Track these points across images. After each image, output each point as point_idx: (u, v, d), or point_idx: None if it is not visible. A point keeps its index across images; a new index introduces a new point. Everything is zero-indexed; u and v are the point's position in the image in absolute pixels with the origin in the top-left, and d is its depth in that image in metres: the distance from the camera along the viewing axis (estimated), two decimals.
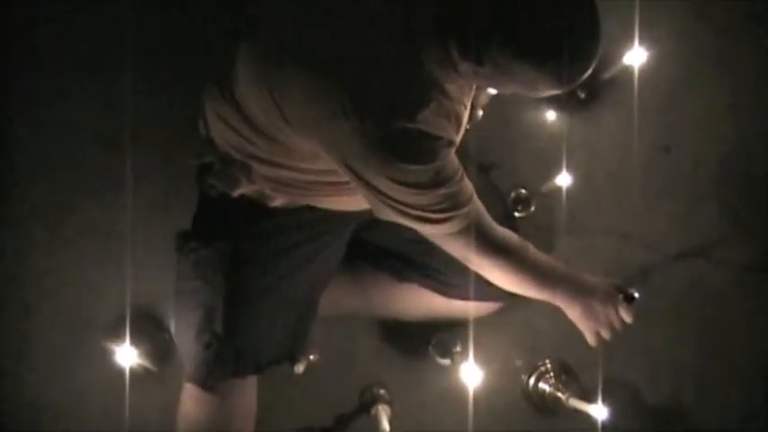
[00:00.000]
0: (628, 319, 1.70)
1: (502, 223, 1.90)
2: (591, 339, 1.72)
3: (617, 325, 1.70)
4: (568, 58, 1.35)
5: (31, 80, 2.16)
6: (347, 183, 1.52)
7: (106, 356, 2.04)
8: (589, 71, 1.39)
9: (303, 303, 1.81)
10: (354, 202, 1.64)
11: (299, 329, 1.82)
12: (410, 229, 1.82)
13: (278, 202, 1.70)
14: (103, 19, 2.16)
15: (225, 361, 1.73)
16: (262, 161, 1.62)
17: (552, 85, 1.39)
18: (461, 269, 1.88)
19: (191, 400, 1.80)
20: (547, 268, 1.67)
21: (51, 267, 2.14)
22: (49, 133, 2.16)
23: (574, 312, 1.70)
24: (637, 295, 1.71)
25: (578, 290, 1.68)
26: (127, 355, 1.98)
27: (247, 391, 1.80)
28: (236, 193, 1.68)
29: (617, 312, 1.69)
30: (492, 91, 2.02)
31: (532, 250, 1.66)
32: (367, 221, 1.79)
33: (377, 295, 2.04)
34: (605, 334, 1.71)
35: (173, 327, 1.83)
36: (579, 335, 2.21)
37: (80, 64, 2.17)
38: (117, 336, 2.01)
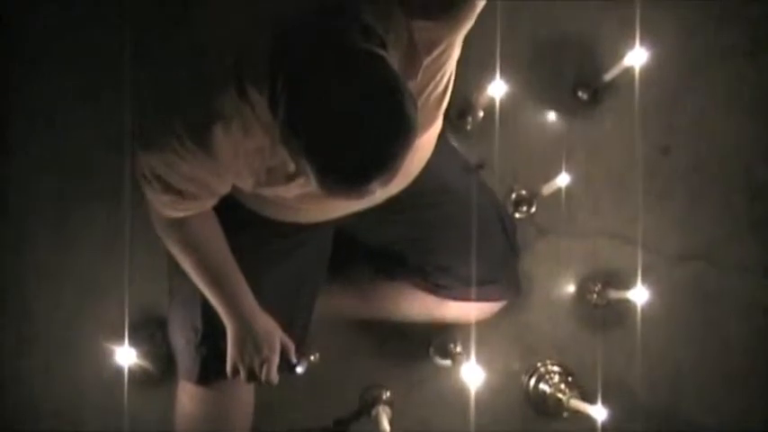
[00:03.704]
0: (272, 378, 1.62)
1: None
2: (228, 368, 1.64)
3: (257, 373, 1.62)
4: (338, 169, 1.11)
5: (32, 79, 2.15)
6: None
7: (106, 357, 2.04)
8: (356, 194, 1.14)
9: (289, 303, 1.78)
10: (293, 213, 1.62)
11: (289, 331, 1.81)
12: (394, 229, 1.81)
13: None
14: (104, 17, 2.16)
15: (206, 356, 1.74)
16: None
17: (317, 185, 1.14)
18: (448, 270, 1.88)
19: (186, 395, 1.81)
20: (219, 281, 1.60)
21: (52, 268, 2.14)
22: (51, 133, 2.15)
23: (229, 334, 1.63)
24: (298, 369, 1.66)
25: (239, 318, 1.61)
26: (126, 356, 1.98)
27: (242, 388, 1.80)
28: None
29: (263, 363, 1.62)
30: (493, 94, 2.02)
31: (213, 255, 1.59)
32: (352, 224, 1.76)
33: (372, 297, 2.03)
34: (242, 374, 1.63)
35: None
36: (579, 337, 2.24)
37: (81, 63, 2.16)
38: (117, 336, 2.01)
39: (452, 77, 1.46)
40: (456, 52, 1.39)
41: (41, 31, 2.15)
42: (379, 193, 1.20)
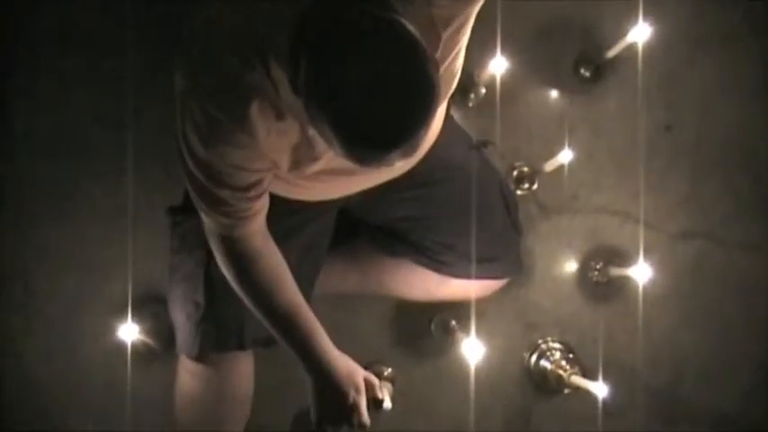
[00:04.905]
0: (364, 421, 1.59)
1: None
2: (313, 422, 1.61)
3: (355, 422, 1.58)
4: (365, 134, 1.11)
5: (33, 60, 2.15)
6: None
7: (109, 334, 2.05)
8: (385, 160, 1.14)
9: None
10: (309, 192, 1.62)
11: None
12: (400, 207, 1.81)
13: None
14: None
15: (207, 332, 1.74)
16: None
17: (343, 154, 1.15)
18: (451, 247, 1.89)
19: (185, 371, 1.81)
20: (295, 327, 1.58)
21: (54, 246, 2.14)
22: (51, 113, 2.14)
23: (310, 385, 1.62)
24: (386, 405, 1.61)
25: (317, 369, 1.59)
26: (129, 333, 1.99)
27: (242, 364, 1.80)
28: None
29: (360, 407, 1.60)
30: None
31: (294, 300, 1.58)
32: (358, 201, 1.77)
33: (373, 273, 2.03)
34: (331, 428, 1.61)
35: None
36: (581, 314, 2.24)
37: (80, 42, 2.15)
38: (120, 314, 2.02)
39: (463, 54, 1.46)
40: (470, 27, 1.39)
41: (42, 10, 2.15)
42: (399, 164, 1.20)
